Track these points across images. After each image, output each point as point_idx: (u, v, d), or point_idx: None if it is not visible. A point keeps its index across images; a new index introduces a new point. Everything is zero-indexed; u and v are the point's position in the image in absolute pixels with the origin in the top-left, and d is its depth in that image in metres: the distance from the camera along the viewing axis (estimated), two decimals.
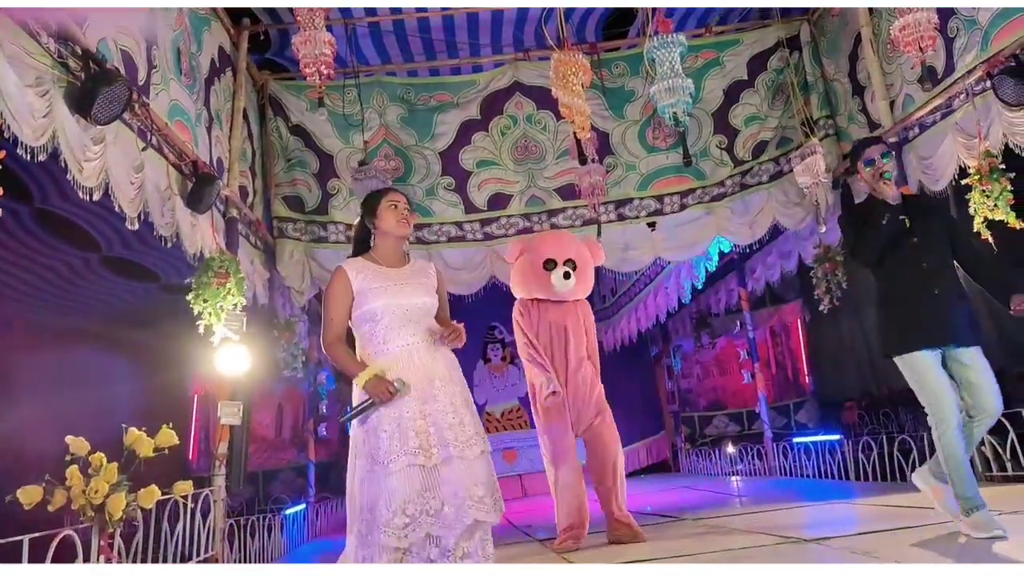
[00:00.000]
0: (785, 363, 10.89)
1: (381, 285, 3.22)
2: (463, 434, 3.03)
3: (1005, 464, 5.35)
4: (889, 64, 6.26)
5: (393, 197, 3.40)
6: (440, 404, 3.05)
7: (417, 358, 3.14)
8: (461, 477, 2.95)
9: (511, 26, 7.04)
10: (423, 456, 2.93)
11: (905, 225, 3.80)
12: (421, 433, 2.97)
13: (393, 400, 2.99)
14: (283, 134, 7.07)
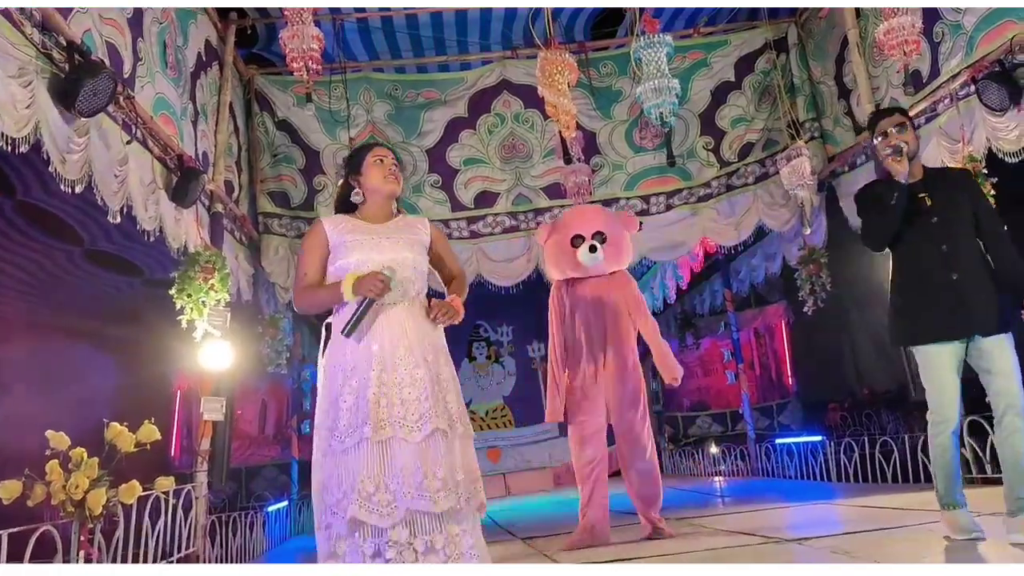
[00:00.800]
0: (769, 364, 10.94)
1: (358, 238, 2.97)
2: (412, 412, 2.72)
3: (985, 467, 5.39)
4: (875, 67, 6.29)
5: (379, 152, 3.16)
6: (398, 375, 2.77)
7: (392, 320, 2.84)
8: (400, 461, 2.66)
9: (500, 24, 7.04)
10: (374, 430, 2.66)
11: (926, 203, 3.54)
12: (374, 405, 2.70)
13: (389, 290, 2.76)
14: (269, 129, 7.04)
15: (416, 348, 2.83)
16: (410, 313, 2.91)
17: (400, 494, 2.62)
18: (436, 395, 2.79)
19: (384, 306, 2.84)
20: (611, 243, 4.99)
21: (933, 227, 3.51)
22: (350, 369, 2.78)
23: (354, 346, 2.79)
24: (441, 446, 2.74)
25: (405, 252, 2.98)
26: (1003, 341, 3.37)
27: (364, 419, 2.68)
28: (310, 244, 3.00)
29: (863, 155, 6.53)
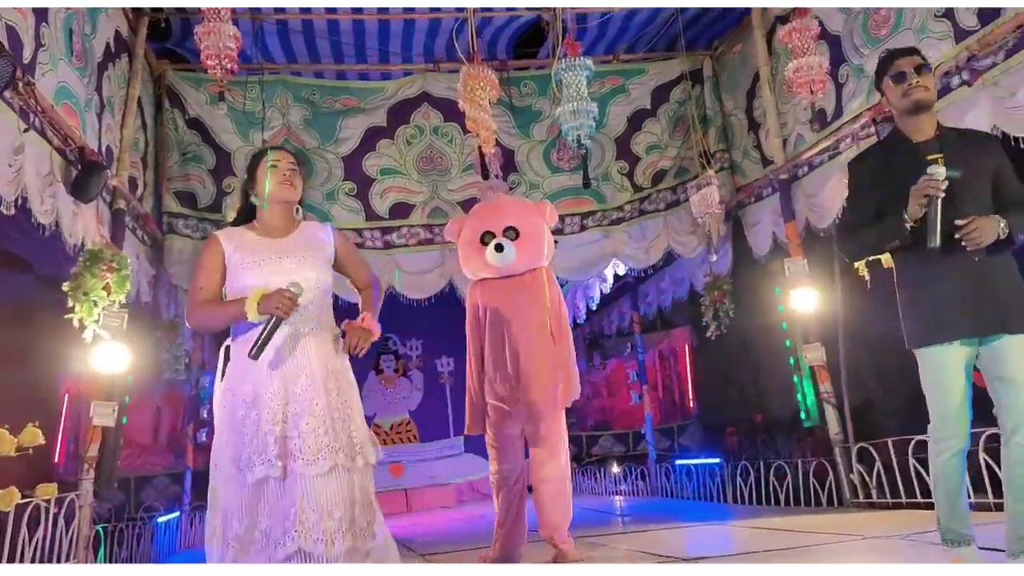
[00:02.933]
0: (672, 386, 11.16)
1: (255, 259, 2.76)
2: (310, 446, 2.57)
3: (871, 491, 5.62)
4: (784, 104, 6.54)
5: (273, 156, 2.91)
6: (299, 406, 2.62)
7: (286, 350, 2.68)
8: (294, 496, 2.53)
9: (423, 36, 7.02)
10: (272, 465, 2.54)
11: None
12: (278, 438, 2.57)
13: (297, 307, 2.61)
14: (179, 126, 6.82)
15: (319, 376, 2.69)
16: (313, 339, 2.75)
17: (291, 535, 2.49)
18: (336, 427, 2.65)
19: (288, 333, 2.69)
20: (525, 238, 4.50)
21: (945, 203, 2.78)
22: (251, 400, 2.64)
23: (257, 375, 2.65)
24: (341, 483, 2.60)
25: (308, 271, 2.79)
26: (1019, 344, 2.81)
27: (263, 453, 2.55)
28: (207, 261, 2.81)
29: (769, 187, 6.77)
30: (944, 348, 2.86)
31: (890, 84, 3.00)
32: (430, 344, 11.56)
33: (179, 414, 10.28)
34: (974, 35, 4.65)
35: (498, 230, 4.51)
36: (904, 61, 2.98)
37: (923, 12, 5.03)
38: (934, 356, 2.89)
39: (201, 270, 2.81)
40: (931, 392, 2.92)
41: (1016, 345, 2.79)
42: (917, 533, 4.02)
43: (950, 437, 2.86)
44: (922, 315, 2.93)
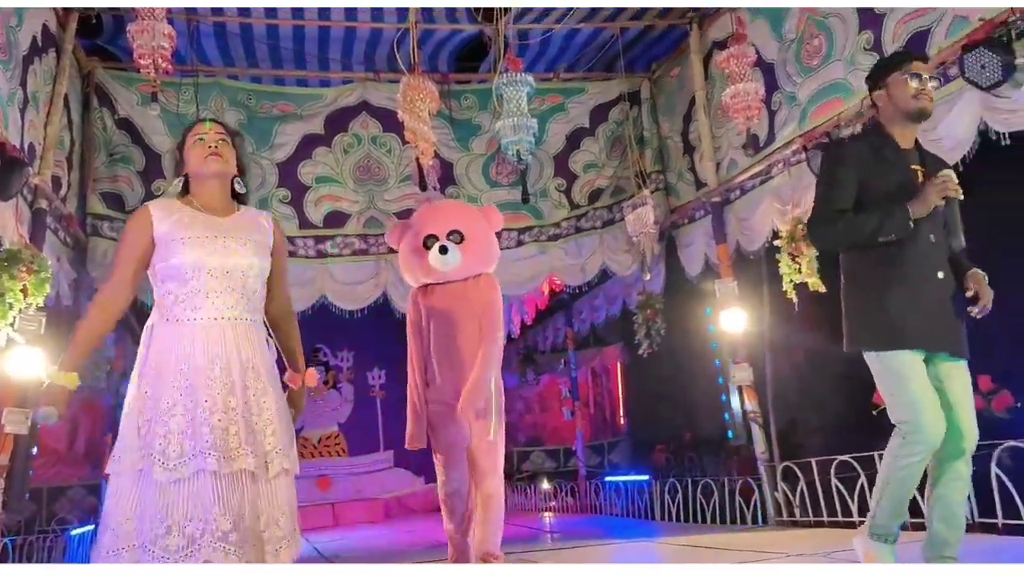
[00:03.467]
0: (603, 403, 11.24)
1: (196, 235, 2.53)
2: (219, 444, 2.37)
3: (794, 510, 5.74)
4: (718, 128, 6.68)
5: (199, 129, 2.70)
6: (210, 398, 2.41)
7: (231, 336, 2.50)
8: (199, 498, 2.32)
9: (363, 44, 6.97)
10: (220, 460, 2.34)
11: (918, 179, 2.92)
12: (216, 429, 2.36)
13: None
14: (108, 126, 6.61)
15: (263, 373, 2.53)
16: (242, 329, 2.54)
17: (194, 538, 2.29)
18: (248, 429, 2.43)
19: (224, 320, 2.51)
20: (470, 242, 4.28)
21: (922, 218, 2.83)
22: (185, 386, 2.43)
23: (193, 362, 2.45)
24: (283, 488, 2.45)
25: (252, 257, 2.60)
26: (964, 368, 2.91)
27: (208, 446, 2.34)
28: (128, 236, 2.59)
29: (702, 209, 6.90)
30: (914, 355, 2.85)
31: (902, 81, 2.95)
32: (361, 356, 11.41)
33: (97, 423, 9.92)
34: None
35: (442, 233, 4.26)
36: (924, 66, 2.99)
37: (853, 45, 5.20)
38: (901, 361, 2.84)
39: (121, 248, 2.61)
40: (905, 394, 2.83)
41: (960, 369, 2.88)
42: (839, 551, 4.10)
43: (920, 442, 2.76)
44: (887, 318, 2.88)
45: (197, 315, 2.50)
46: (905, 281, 2.88)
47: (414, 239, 4.35)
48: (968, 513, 4.35)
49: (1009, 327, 4.52)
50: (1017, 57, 3.97)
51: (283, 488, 2.48)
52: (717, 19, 6.59)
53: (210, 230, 2.58)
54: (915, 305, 2.86)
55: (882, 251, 2.91)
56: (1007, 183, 4.63)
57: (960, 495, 2.85)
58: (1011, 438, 4.17)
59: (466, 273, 4.32)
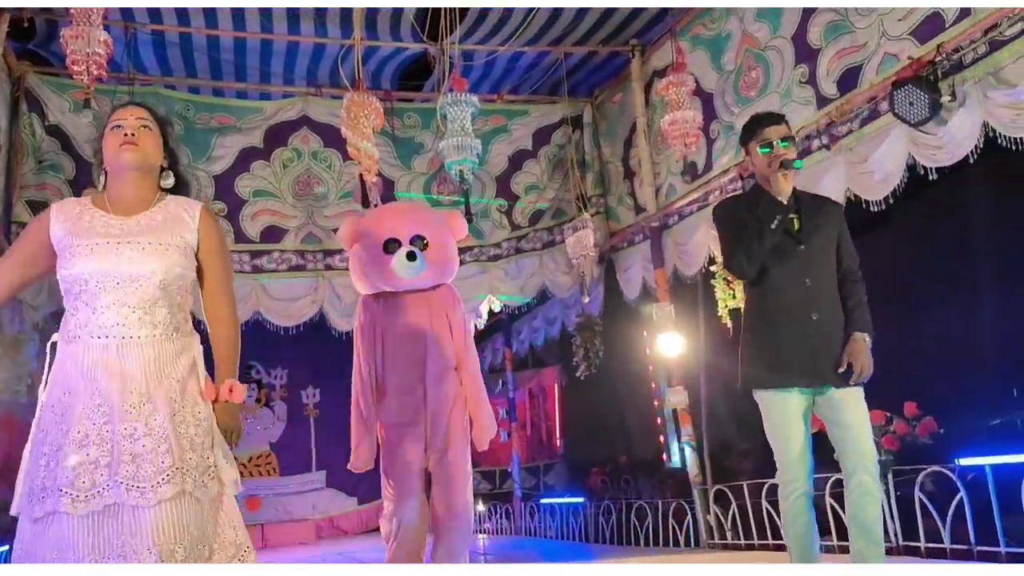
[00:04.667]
0: (540, 425, 11.24)
1: (88, 242, 2.26)
2: (146, 469, 2.10)
3: (726, 533, 5.80)
4: (658, 154, 6.80)
5: (119, 114, 2.41)
6: (128, 425, 2.14)
7: (116, 357, 2.20)
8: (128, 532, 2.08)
9: (306, 59, 6.90)
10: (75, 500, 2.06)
11: (793, 227, 3.11)
12: (83, 464, 2.09)
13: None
14: (37, 133, 6.40)
15: (157, 389, 2.20)
16: (155, 345, 2.25)
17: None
18: (181, 446, 2.17)
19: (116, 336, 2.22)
20: (434, 249, 3.92)
21: (799, 255, 3.09)
22: (61, 412, 2.19)
23: (73, 386, 2.20)
24: (188, 513, 2.14)
25: (152, 262, 2.27)
26: (858, 392, 3.04)
27: (67, 483, 2.06)
28: (24, 236, 2.39)
29: (641, 234, 6.99)
30: (784, 394, 3.04)
31: (755, 149, 3.16)
32: (296, 374, 11.20)
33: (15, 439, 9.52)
34: (834, 103, 4.97)
35: (405, 238, 3.86)
36: (771, 131, 3.15)
37: (789, 78, 5.35)
38: (775, 401, 3.05)
39: (11, 248, 2.41)
40: (774, 438, 3.08)
41: (852, 395, 3.02)
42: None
43: (794, 480, 3.00)
44: (763, 358, 3.10)
45: (81, 332, 2.24)
46: (780, 323, 3.08)
47: (372, 242, 3.91)
48: (892, 536, 4.47)
49: (933, 355, 4.68)
50: (943, 96, 4.14)
51: (182, 512, 2.14)
52: (658, 48, 6.72)
53: (107, 236, 2.28)
54: (791, 345, 3.03)
55: (761, 294, 3.15)
56: (933, 216, 4.82)
57: (872, 511, 2.93)
58: (935, 463, 4.30)
59: (428, 283, 3.96)
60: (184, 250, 2.37)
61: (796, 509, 3.00)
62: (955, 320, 4.64)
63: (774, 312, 3.11)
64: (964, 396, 4.47)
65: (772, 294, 3.11)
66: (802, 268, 3.07)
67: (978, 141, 4.12)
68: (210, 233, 2.44)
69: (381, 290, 3.98)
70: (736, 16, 5.83)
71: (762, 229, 3.04)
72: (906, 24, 4.51)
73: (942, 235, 4.81)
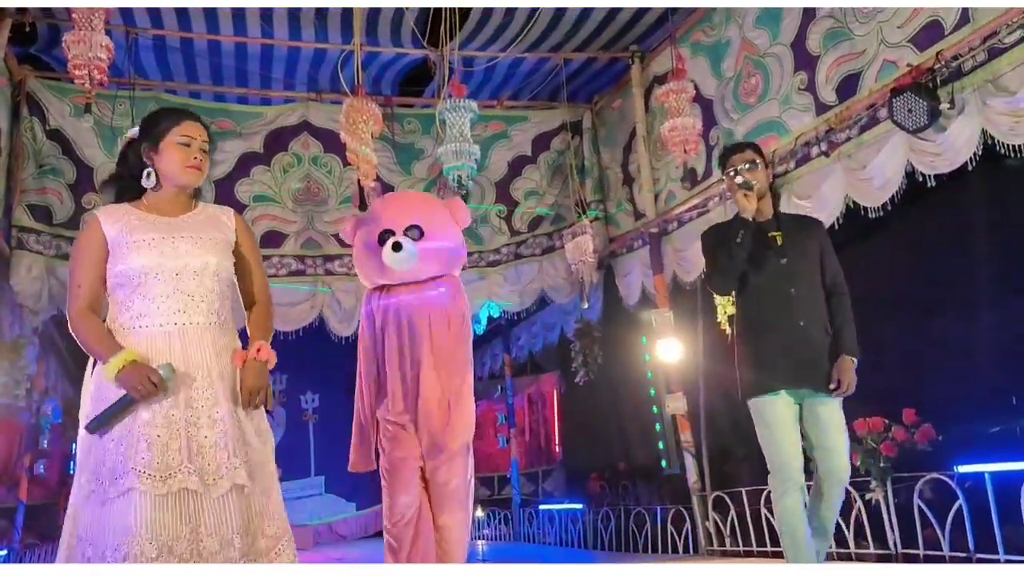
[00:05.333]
0: (539, 431, 11.23)
1: (144, 238, 2.37)
2: (210, 462, 2.24)
3: (725, 540, 5.79)
4: (657, 161, 6.80)
5: (187, 129, 2.47)
6: (194, 413, 2.28)
7: (179, 344, 2.32)
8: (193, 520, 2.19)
9: (307, 64, 6.92)
10: (153, 479, 2.17)
11: (776, 243, 3.33)
12: (160, 448, 2.20)
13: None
14: (38, 136, 6.41)
15: (217, 382, 2.34)
16: (212, 334, 2.39)
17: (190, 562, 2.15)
18: (237, 441, 2.31)
19: (175, 326, 2.33)
20: (432, 238, 3.74)
21: (781, 268, 3.29)
22: (93, 401, 2.29)
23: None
24: (239, 505, 2.26)
25: (208, 256, 2.42)
26: (837, 405, 3.22)
27: (143, 464, 2.18)
28: (84, 247, 2.42)
29: (640, 240, 6.99)
30: (773, 398, 3.21)
31: (728, 176, 3.39)
32: (295, 379, 11.20)
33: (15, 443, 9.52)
34: (833, 109, 4.98)
35: (399, 228, 3.71)
36: (736, 158, 3.39)
37: (788, 85, 5.36)
38: (766, 406, 3.22)
39: (78, 264, 2.42)
40: (766, 441, 3.24)
41: (833, 413, 3.20)
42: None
43: (788, 479, 3.14)
44: (753, 365, 3.29)
45: (142, 323, 2.34)
46: (767, 330, 3.29)
47: (368, 234, 3.82)
48: (891, 544, 4.47)
49: (932, 362, 4.68)
50: (942, 103, 4.14)
51: (235, 507, 2.26)
52: (658, 54, 6.73)
53: (160, 231, 2.41)
54: (778, 350, 3.22)
55: (748, 306, 3.39)
56: (932, 223, 4.82)
57: (831, 514, 3.22)
58: (934, 470, 4.29)
59: (425, 274, 3.77)
60: (227, 246, 2.52)
61: (790, 509, 3.13)
62: (954, 327, 4.64)
63: (762, 321, 3.32)
64: (963, 403, 4.46)
65: (758, 305, 3.34)
66: (786, 279, 3.28)
67: (977, 148, 4.12)
68: (246, 235, 2.62)
69: (379, 283, 3.86)
70: (736, 23, 5.84)
71: (731, 246, 3.26)
72: (905, 31, 4.52)
73: (941, 242, 4.81)
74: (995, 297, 4.53)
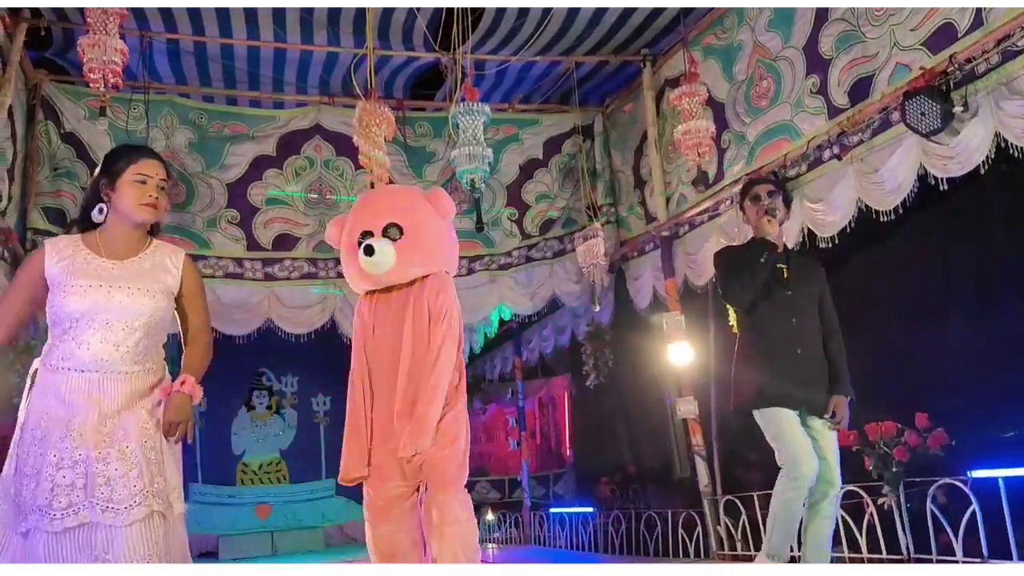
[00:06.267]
0: (550, 434, 11.23)
1: (82, 283, 2.44)
2: (119, 492, 2.30)
3: (736, 543, 5.78)
4: (669, 164, 6.80)
5: (144, 167, 2.53)
6: (101, 450, 2.33)
7: (96, 390, 2.39)
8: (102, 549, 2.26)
9: (319, 68, 6.95)
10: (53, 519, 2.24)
11: (783, 274, 3.67)
12: (59, 487, 2.27)
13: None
14: (53, 140, 6.46)
15: (129, 418, 2.40)
16: (132, 381, 2.46)
17: None
18: (151, 471, 2.36)
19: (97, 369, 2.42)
20: (411, 235, 3.39)
21: (786, 299, 3.62)
22: (40, 436, 2.35)
23: (53, 412, 2.37)
24: (158, 531, 2.33)
25: (141, 306, 2.48)
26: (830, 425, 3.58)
27: (45, 503, 2.25)
28: (23, 278, 2.53)
29: (651, 243, 6.99)
30: (784, 409, 3.52)
31: (748, 204, 3.77)
32: (306, 381, 11.24)
33: None
34: (845, 113, 4.97)
35: (377, 228, 3.41)
36: (759, 188, 3.77)
37: (800, 88, 5.35)
38: (777, 413, 3.51)
39: (13, 283, 2.57)
40: (780, 441, 3.50)
41: (825, 427, 3.56)
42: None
43: (803, 476, 3.38)
44: (761, 383, 3.57)
45: (66, 364, 2.43)
46: (770, 354, 3.59)
47: (348, 237, 3.55)
48: (904, 549, 4.44)
49: (944, 366, 4.66)
50: (955, 106, 4.13)
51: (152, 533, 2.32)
52: (669, 58, 6.73)
53: (101, 278, 2.47)
54: (779, 374, 3.53)
55: (752, 329, 3.70)
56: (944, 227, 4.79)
57: (828, 531, 3.53)
58: (947, 475, 4.27)
59: (409, 275, 3.41)
60: (167, 294, 2.58)
61: (794, 500, 3.42)
62: (966, 331, 4.62)
63: (764, 345, 3.63)
64: (976, 407, 4.43)
65: (762, 329, 3.65)
66: (789, 309, 3.61)
67: (990, 151, 4.10)
68: (191, 279, 2.66)
69: (367, 288, 3.57)
70: (748, 26, 5.83)
71: (755, 263, 3.58)
72: (918, 34, 4.50)
73: (953, 245, 4.79)
74: (1008, 301, 4.51)
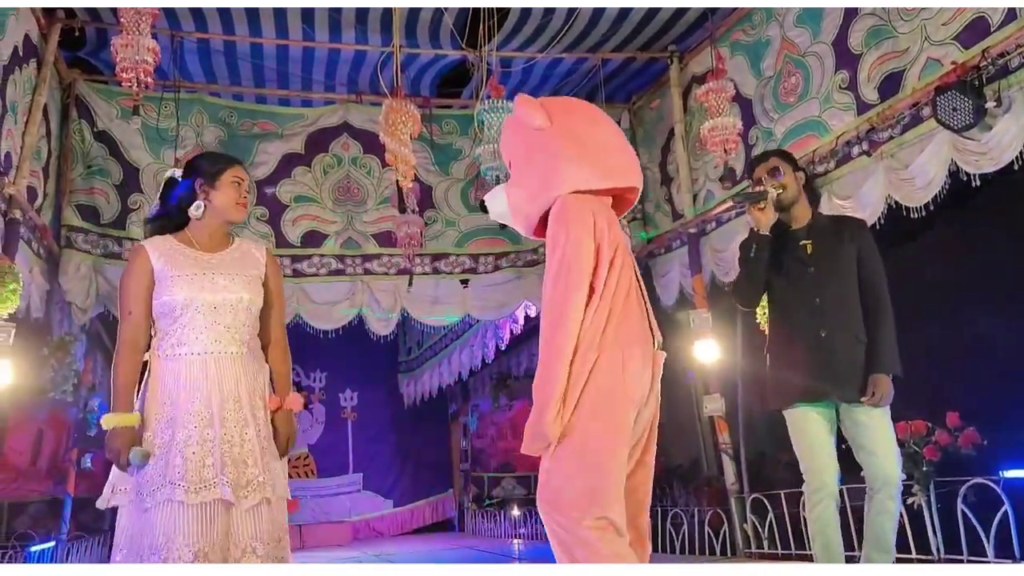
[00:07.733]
0: None
1: (186, 273, 2.61)
2: (241, 476, 2.48)
3: (763, 542, 5.75)
4: (696, 160, 6.76)
5: (240, 172, 2.77)
6: (226, 432, 2.51)
7: (214, 370, 2.56)
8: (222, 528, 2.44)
9: (347, 66, 7.00)
10: (188, 491, 2.40)
11: (806, 252, 3.33)
12: (196, 464, 2.43)
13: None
14: (86, 138, 6.58)
15: (246, 404, 2.59)
16: (237, 360, 2.63)
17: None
18: (263, 458, 2.56)
19: (209, 354, 2.58)
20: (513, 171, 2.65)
21: (808, 277, 3.28)
22: (166, 420, 2.51)
23: (175, 397, 2.53)
24: (264, 517, 2.53)
25: (241, 292, 2.68)
26: (881, 415, 3.16)
27: (179, 477, 2.41)
28: (134, 273, 2.63)
29: (678, 240, 6.96)
30: (804, 408, 3.24)
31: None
32: (334, 377, 11.35)
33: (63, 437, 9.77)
34: (875, 108, 4.91)
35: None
36: (759, 168, 3.47)
37: (829, 84, 5.30)
38: (797, 416, 3.26)
39: (129, 293, 2.63)
40: (800, 449, 3.27)
41: (872, 415, 3.15)
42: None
43: (821, 487, 3.16)
44: (780, 379, 3.32)
45: (181, 350, 2.58)
46: (792, 342, 3.31)
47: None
48: (934, 549, 4.40)
49: (976, 364, 4.60)
50: (987, 101, 4.07)
51: (262, 518, 2.53)
52: (697, 54, 6.69)
53: (199, 267, 2.65)
54: (801, 363, 3.24)
55: (776, 316, 3.45)
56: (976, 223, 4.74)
57: (888, 525, 3.13)
58: (978, 475, 4.22)
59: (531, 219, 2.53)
60: (257, 282, 2.76)
61: (823, 518, 3.15)
62: (998, 329, 4.56)
63: (787, 333, 3.37)
64: (1008, 406, 4.38)
65: (784, 316, 3.40)
66: (812, 289, 3.27)
67: (1023, 147, 4.05)
68: (275, 271, 2.85)
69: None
70: (776, 22, 5.79)
71: (747, 261, 3.37)
72: (950, 28, 4.44)
73: (985, 242, 4.73)
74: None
